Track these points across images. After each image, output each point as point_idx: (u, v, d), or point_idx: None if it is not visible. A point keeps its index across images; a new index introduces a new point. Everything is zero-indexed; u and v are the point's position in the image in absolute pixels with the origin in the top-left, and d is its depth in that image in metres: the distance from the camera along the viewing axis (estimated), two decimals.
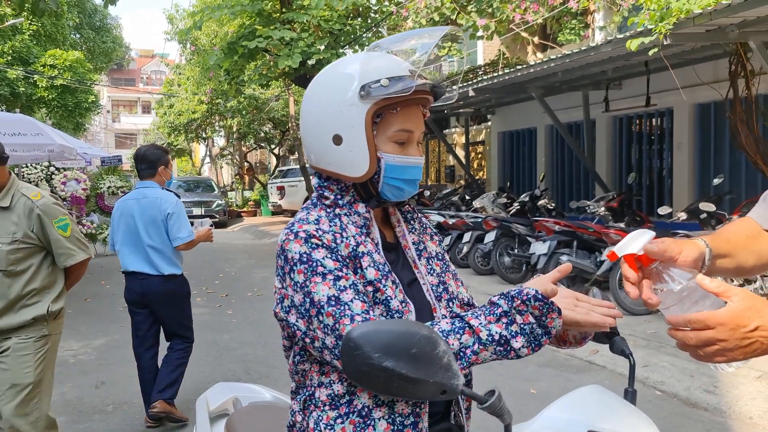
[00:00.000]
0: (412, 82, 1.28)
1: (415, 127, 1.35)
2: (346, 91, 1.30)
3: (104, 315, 7.57)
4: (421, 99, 1.35)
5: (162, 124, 27.26)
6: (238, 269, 11.17)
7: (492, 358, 1.19)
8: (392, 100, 1.29)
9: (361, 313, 1.20)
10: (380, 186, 1.34)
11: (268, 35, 11.73)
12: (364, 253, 1.30)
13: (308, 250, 1.25)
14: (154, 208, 4.04)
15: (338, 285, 1.22)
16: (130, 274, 4.16)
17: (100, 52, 23.57)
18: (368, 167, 1.31)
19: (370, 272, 1.28)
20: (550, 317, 1.18)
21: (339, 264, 1.25)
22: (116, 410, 4.54)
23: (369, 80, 1.28)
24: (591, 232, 7.68)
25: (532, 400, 4.50)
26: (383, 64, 1.31)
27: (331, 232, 1.29)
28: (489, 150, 14.70)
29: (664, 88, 8.18)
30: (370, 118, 1.29)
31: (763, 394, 4.39)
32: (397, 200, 1.38)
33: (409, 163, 1.34)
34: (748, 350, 1.09)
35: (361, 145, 1.30)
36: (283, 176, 21.72)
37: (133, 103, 55.37)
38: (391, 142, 1.33)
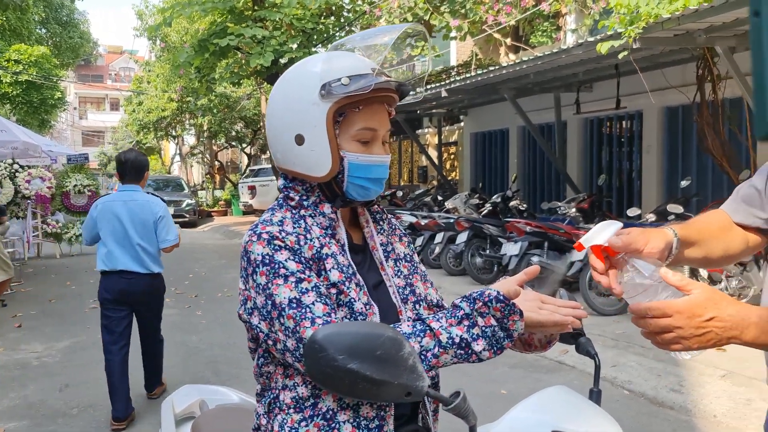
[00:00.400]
0: (373, 80, 1.26)
1: (379, 126, 1.33)
2: (308, 91, 1.29)
3: (69, 316, 7.42)
4: (386, 97, 1.33)
5: (131, 121, 26.84)
6: (208, 270, 11.05)
7: (453, 362, 1.18)
8: (354, 98, 1.27)
9: (322, 315, 1.18)
10: (345, 185, 1.32)
11: (240, 33, 11.63)
12: (328, 255, 1.28)
13: (271, 251, 1.24)
14: (146, 210, 4.28)
15: (300, 287, 1.21)
16: (114, 273, 4.25)
17: (67, 47, 23.12)
18: (330, 167, 1.29)
19: (333, 274, 1.27)
20: (512, 319, 1.17)
21: (302, 266, 1.24)
22: (81, 413, 4.44)
23: (330, 79, 1.27)
24: (562, 233, 7.75)
25: (502, 400, 4.52)
26: (345, 62, 1.30)
27: (295, 234, 1.28)
28: (461, 151, 14.77)
29: (634, 91, 8.30)
30: (332, 117, 1.28)
31: (727, 392, 4.47)
32: (363, 200, 1.36)
33: (373, 162, 1.33)
34: (703, 339, 1.12)
35: (323, 145, 1.28)
36: (255, 176, 21.54)
37: (101, 100, 54.47)
38: (354, 141, 1.31)
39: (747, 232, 1.50)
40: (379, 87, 1.28)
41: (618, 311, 6.65)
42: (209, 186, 27.96)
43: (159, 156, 35.69)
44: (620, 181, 10.30)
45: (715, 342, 1.13)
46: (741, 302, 1.17)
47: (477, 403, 4.04)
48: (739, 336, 1.12)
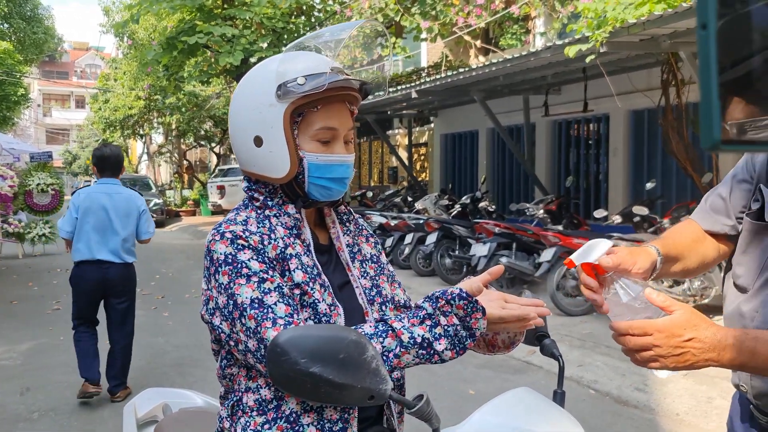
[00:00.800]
0: (328, 79, 1.25)
1: (339, 125, 1.32)
2: (265, 92, 1.28)
3: (31, 318, 7.24)
4: (346, 96, 1.32)
5: (97, 119, 26.36)
6: (175, 270, 10.89)
7: (415, 362, 1.18)
8: (311, 98, 1.26)
9: (284, 316, 1.17)
10: (306, 186, 1.31)
11: (209, 31, 11.50)
12: (292, 255, 1.27)
13: (234, 251, 1.23)
14: (130, 203, 4.57)
15: (262, 287, 1.20)
16: (92, 263, 4.44)
17: (31, 43, 22.60)
18: (289, 168, 1.28)
19: (297, 275, 1.25)
20: (474, 317, 1.17)
21: (265, 266, 1.22)
22: (42, 417, 4.34)
23: (286, 79, 1.26)
24: (530, 234, 7.83)
25: (471, 401, 4.54)
26: (302, 62, 1.28)
27: (259, 234, 1.26)
28: (432, 152, 14.83)
29: (601, 94, 8.43)
30: (289, 118, 1.27)
31: (689, 391, 4.56)
32: (326, 200, 1.34)
33: (333, 162, 1.31)
34: (680, 359, 1.14)
35: (281, 146, 1.27)
36: (224, 175, 21.32)
37: (66, 98, 53.40)
38: (314, 141, 1.30)
39: (717, 240, 1.54)
40: (336, 85, 1.26)
41: (584, 312, 6.74)
42: (177, 185, 27.59)
43: (126, 155, 35.08)
44: (587, 183, 10.45)
45: (692, 363, 1.15)
46: (719, 325, 1.19)
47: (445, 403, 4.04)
48: (716, 358, 1.15)
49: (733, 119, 0.50)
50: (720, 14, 0.47)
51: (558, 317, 6.56)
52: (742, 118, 0.51)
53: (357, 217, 1.49)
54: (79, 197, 4.47)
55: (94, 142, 37.43)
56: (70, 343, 6.20)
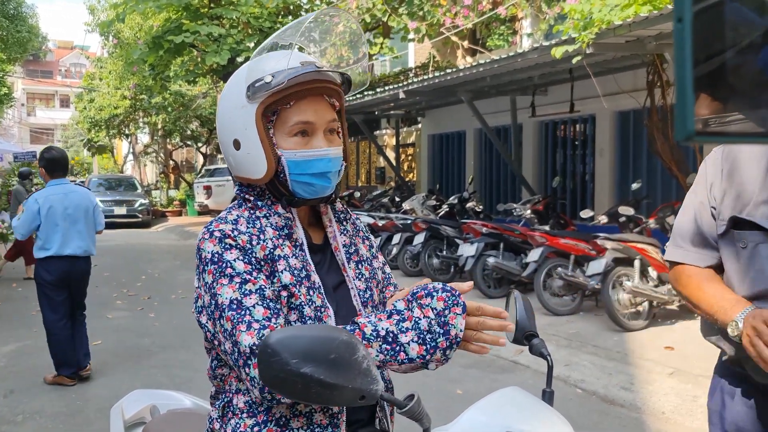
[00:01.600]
0: (292, 73, 1.23)
1: (315, 118, 1.29)
2: (238, 95, 1.28)
3: (15, 320, 7.16)
4: (322, 89, 1.29)
5: (82, 119, 26.14)
6: (161, 271, 10.82)
7: (380, 358, 1.15)
8: (281, 94, 1.25)
9: (261, 319, 1.16)
10: (290, 185, 1.29)
11: (196, 30, 11.44)
12: (280, 257, 1.26)
13: (221, 250, 1.22)
14: (86, 199, 4.98)
15: (243, 289, 1.19)
16: (62, 258, 4.81)
17: (14, 41, 22.29)
18: (266, 168, 1.26)
19: (285, 276, 1.24)
20: (454, 311, 1.16)
21: (250, 267, 1.21)
22: (27, 420, 4.29)
23: (254, 79, 1.25)
24: (517, 234, 7.86)
25: (459, 400, 4.55)
26: (271, 60, 1.27)
27: (248, 233, 1.25)
28: (419, 152, 14.84)
29: (587, 95, 8.48)
30: (260, 117, 1.26)
31: (675, 389, 4.60)
32: (313, 197, 1.31)
33: (312, 156, 1.28)
34: None
35: (257, 147, 1.26)
36: (210, 175, 21.20)
37: (51, 97, 52.89)
38: (291, 138, 1.28)
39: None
40: (305, 78, 1.25)
41: (571, 311, 6.78)
42: (163, 186, 27.42)
43: (111, 155, 34.80)
44: (574, 184, 10.50)
45: None
46: None
47: (434, 403, 4.04)
48: None
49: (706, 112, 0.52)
50: (695, 8, 0.49)
51: (545, 317, 6.60)
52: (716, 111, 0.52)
53: (355, 218, 1.48)
54: (37, 200, 4.77)
55: (79, 141, 37.11)
56: None
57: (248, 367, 1.14)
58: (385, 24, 12.33)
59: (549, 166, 10.94)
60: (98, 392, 4.77)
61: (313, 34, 1.38)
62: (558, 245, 7.00)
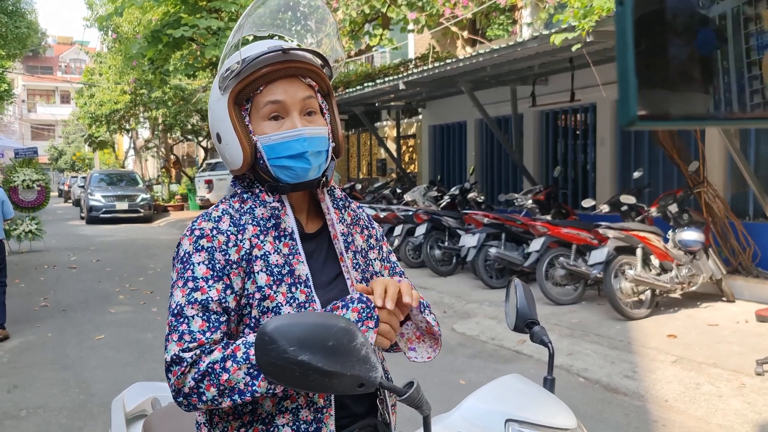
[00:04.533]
0: (254, 56, 1.22)
1: (285, 97, 1.25)
2: (214, 90, 1.29)
3: (18, 315, 7.17)
4: (294, 69, 1.26)
5: (82, 114, 26.08)
6: (163, 265, 10.82)
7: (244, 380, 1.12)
8: (249, 80, 1.24)
9: (196, 331, 1.15)
10: (272, 171, 1.27)
11: (194, 24, 11.39)
12: (257, 257, 1.23)
13: (192, 250, 1.22)
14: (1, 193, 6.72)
15: (191, 296, 1.18)
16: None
17: (14, 37, 22.21)
18: (242, 156, 1.25)
19: (261, 278, 1.22)
20: (366, 324, 1.15)
21: (211, 273, 1.20)
22: (30, 415, 4.30)
23: (224, 69, 1.25)
24: (519, 224, 7.84)
25: (461, 390, 4.55)
26: (244, 51, 1.25)
27: (227, 233, 1.23)
28: (420, 143, 14.81)
29: (588, 84, 8.44)
30: (232, 106, 1.25)
31: (678, 377, 4.59)
32: (296, 181, 1.28)
33: (287, 138, 1.25)
34: None
35: (232, 136, 1.25)
36: (212, 169, 21.16)
37: (51, 93, 52.83)
38: (266, 122, 1.27)
39: None
40: (272, 60, 1.23)
41: (573, 301, 6.77)
42: (165, 180, 27.39)
43: (112, 150, 34.77)
44: (575, 173, 10.48)
45: None
46: None
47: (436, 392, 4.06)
48: None
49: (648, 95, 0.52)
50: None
51: (547, 306, 6.59)
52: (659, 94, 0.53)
53: (357, 206, 1.44)
54: None
55: (80, 137, 37.10)
56: (58, 340, 6.18)
57: (169, 373, 1.16)
58: (385, 15, 12.27)
59: (550, 156, 10.91)
60: (101, 387, 4.77)
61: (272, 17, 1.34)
62: (560, 235, 6.99)
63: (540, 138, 11.06)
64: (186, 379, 1.13)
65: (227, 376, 1.11)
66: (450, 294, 7.67)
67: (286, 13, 1.36)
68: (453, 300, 7.37)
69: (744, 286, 6.74)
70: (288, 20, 1.37)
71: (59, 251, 12.95)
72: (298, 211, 1.34)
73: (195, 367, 1.13)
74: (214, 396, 1.12)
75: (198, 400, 1.13)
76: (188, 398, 1.14)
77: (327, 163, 1.31)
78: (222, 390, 1.11)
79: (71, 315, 7.25)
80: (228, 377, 1.11)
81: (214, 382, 1.11)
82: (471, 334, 6.18)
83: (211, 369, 1.12)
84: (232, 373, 1.11)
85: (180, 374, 1.13)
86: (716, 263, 6.48)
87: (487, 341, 5.92)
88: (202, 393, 1.12)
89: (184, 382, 1.13)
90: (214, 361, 1.13)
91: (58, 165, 45.26)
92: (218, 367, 1.12)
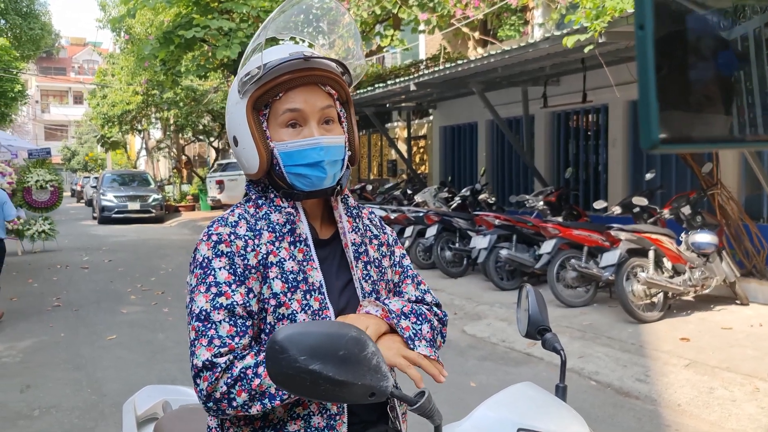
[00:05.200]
0: (275, 63, 1.21)
1: (304, 106, 1.25)
2: (233, 93, 1.28)
3: (31, 315, 7.24)
4: (313, 77, 1.25)
5: (95, 115, 26.32)
6: (175, 266, 10.88)
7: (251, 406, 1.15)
8: (269, 86, 1.23)
9: (224, 336, 1.16)
10: (286, 177, 1.27)
11: (206, 25, 11.45)
12: (273, 263, 1.23)
13: (212, 255, 1.22)
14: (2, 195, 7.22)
15: (216, 301, 1.18)
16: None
17: (28, 39, 22.47)
18: (258, 161, 1.25)
19: (276, 284, 1.22)
20: None
21: (233, 278, 1.20)
22: (43, 415, 4.33)
23: (244, 74, 1.24)
24: (530, 226, 7.81)
25: (472, 393, 4.54)
26: (265, 55, 1.24)
27: (244, 238, 1.23)
28: (431, 144, 14.79)
29: (600, 85, 8.39)
30: (250, 111, 1.24)
31: (690, 381, 4.55)
32: (311, 189, 1.27)
33: (304, 146, 1.24)
34: None
35: (249, 141, 1.25)
36: (223, 170, 21.25)
37: (64, 93, 53.23)
38: (284, 129, 1.26)
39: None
40: (294, 68, 1.22)
41: (584, 303, 6.73)
42: (176, 181, 27.54)
43: (125, 150, 35.01)
44: (587, 174, 10.42)
45: None
46: None
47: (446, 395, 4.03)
48: None
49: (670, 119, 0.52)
50: (657, 16, 0.50)
51: (558, 309, 6.56)
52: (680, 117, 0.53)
53: (369, 215, 1.43)
54: None
55: (92, 138, 37.36)
56: (71, 339, 6.22)
57: (198, 379, 1.16)
58: (396, 16, 12.27)
59: (561, 157, 10.86)
60: (113, 387, 4.80)
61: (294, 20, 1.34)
62: (571, 236, 6.95)
63: (551, 139, 11.01)
64: (218, 384, 1.13)
65: (259, 381, 1.12)
66: (461, 296, 7.65)
67: (309, 17, 1.36)
68: (464, 302, 7.35)
69: (758, 289, 6.68)
70: (301, 23, 1.36)
71: (72, 251, 13.04)
72: (312, 217, 1.33)
73: (228, 372, 1.14)
74: (245, 401, 1.13)
75: (228, 405, 1.14)
76: (218, 403, 1.14)
77: (342, 171, 1.30)
78: (253, 395, 1.12)
79: (84, 315, 7.30)
80: (260, 382, 1.12)
81: (246, 387, 1.12)
82: (482, 336, 6.16)
83: (243, 374, 1.13)
84: (264, 377, 1.11)
85: (213, 379, 1.13)
86: (730, 266, 6.42)
87: (498, 343, 5.90)
88: (233, 398, 1.13)
89: (216, 387, 1.13)
90: (247, 366, 1.13)
91: (71, 165, 45.61)
92: (251, 372, 1.13)
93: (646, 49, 0.49)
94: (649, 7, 0.49)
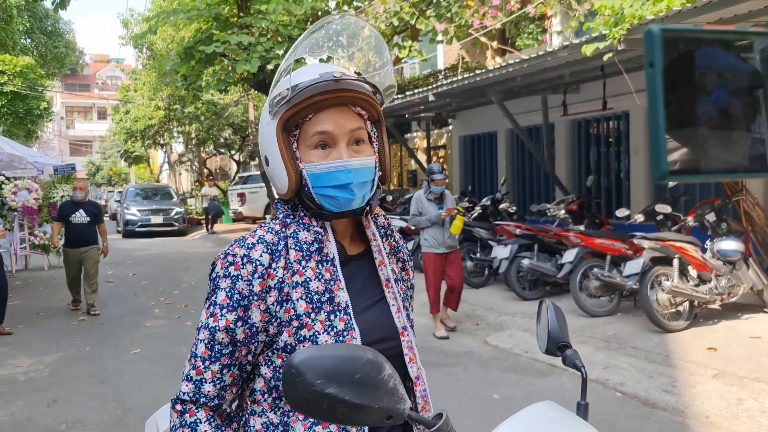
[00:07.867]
0: (305, 84, 1.21)
1: (333, 128, 1.24)
2: (265, 114, 1.29)
3: (57, 329, 7.34)
4: (344, 98, 1.25)
5: (118, 130, 26.70)
6: (197, 279, 10.97)
7: None
8: (299, 107, 1.23)
9: (199, 357, 1.26)
10: (315, 198, 1.26)
11: (226, 40, 11.58)
12: (298, 284, 1.23)
13: (222, 275, 1.26)
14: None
15: (206, 321, 1.27)
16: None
17: (53, 57, 22.94)
18: (288, 182, 1.25)
19: (300, 305, 1.22)
20: None
21: (228, 302, 1.23)
22: (70, 429, 4.39)
23: (275, 94, 1.25)
24: (551, 235, 7.75)
25: (496, 405, 4.50)
26: (297, 75, 1.24)
27: (255, 263, 1.23)
28: (450, 154, 14.77)
29: (620, 92, 8.32)
30: (281, 132, 1.25)
31: (719, 392, 4.47)
32: (339, 210, 1.27)
33: (332, 168, 1.24)
34: None
35: (279, 161, 1.25)
36: (244, 183, 21.43)
37: (89, 109, 54.18)
38: (313, 150, 1.25)
39: None
40: (324, 89, 1.22)
41: (608, 312, 6.65)
42: (198, 194, 27.82)
43: (147, 164, 35.47)
44: (609, 182, 10.32)
45: None
46: None
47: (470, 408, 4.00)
48: None
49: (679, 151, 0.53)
50: (666, 54, 0.51)
51: (581, 318, 6.49)
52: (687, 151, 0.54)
53: (399, 238, 1.43)
54: None
55: (116, 152, 37.91)
56: (96, 353, 6.30)
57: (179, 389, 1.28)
58: (413, 26, 12.30)
59: (582, 165, 10.77)
60: (138, 401, 4.84)
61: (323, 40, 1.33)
62: (594, 245, 6.88)
63: (572, 147, 10.93)
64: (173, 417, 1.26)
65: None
66: (482, 306, 7.60)
67: (340, 39, 1.36)
68: (486, 312, 7.31)
69: None
70: (332, 44, 1.36)
71: None
72: (341, 236, 1.33)
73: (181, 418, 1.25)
74: None
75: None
76: None
77: (372, 192, 1.30)
78: None
79: (108, 329, 7.39)
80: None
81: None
82: (504, 347, 6.11)
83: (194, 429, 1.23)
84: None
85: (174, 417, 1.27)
86: (757, 273, 6.30)
87: (521, 354, 5.85)
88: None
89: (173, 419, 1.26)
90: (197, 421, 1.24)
91: (96, 180, 46.33)
92: None
93: (655, 85, 0.51)
94: (659, 45, 0.51)
